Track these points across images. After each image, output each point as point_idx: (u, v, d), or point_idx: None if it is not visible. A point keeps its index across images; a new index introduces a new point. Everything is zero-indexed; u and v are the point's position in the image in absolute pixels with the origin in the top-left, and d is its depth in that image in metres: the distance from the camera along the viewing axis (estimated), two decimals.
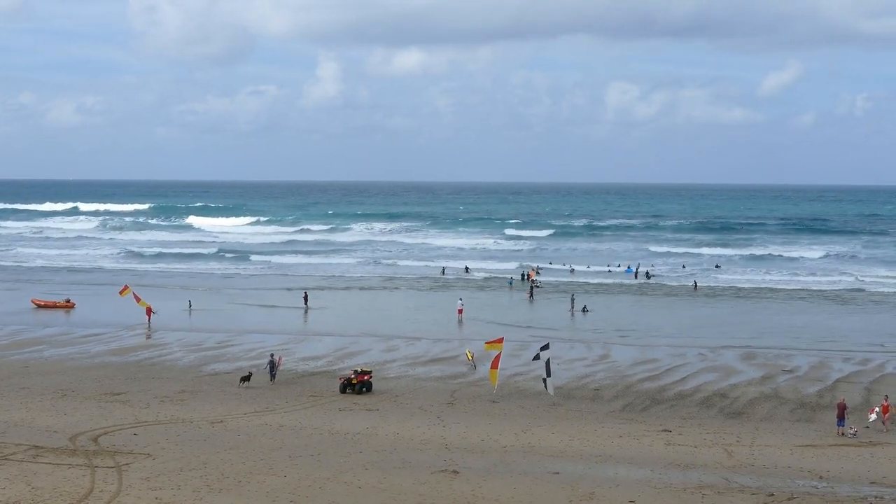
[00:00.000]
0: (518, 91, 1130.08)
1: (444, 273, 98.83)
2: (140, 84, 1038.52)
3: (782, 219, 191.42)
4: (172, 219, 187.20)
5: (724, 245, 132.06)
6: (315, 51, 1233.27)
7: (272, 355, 46.97)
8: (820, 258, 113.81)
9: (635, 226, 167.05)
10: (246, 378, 44.66)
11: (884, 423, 37.19)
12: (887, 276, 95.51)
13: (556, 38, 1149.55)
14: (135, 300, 65.47)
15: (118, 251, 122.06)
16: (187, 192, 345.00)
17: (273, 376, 45.44)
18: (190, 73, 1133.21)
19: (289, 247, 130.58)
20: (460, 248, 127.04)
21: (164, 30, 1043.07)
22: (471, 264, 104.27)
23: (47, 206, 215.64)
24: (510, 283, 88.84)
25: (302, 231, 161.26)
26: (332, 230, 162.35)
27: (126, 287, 69.56)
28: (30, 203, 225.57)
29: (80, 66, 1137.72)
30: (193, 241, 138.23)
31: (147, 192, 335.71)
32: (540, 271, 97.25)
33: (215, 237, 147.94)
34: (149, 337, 59.14)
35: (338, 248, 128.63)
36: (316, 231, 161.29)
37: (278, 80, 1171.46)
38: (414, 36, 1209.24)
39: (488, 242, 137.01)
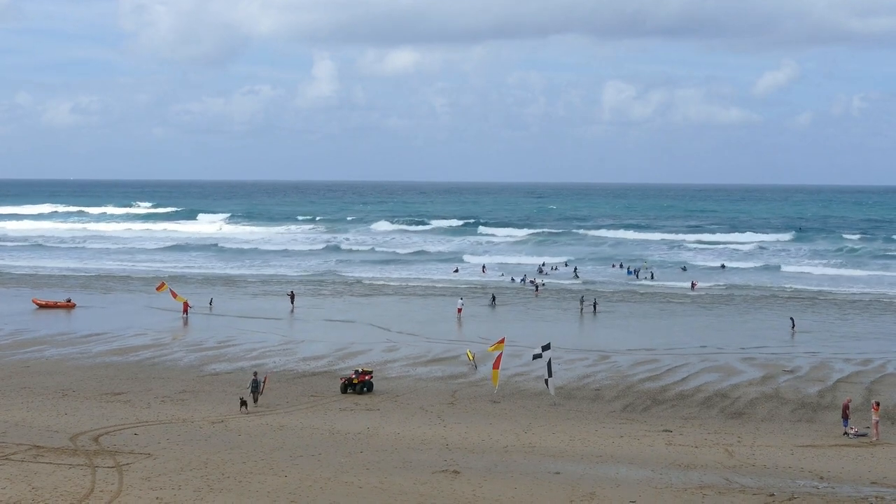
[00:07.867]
0: (513, 91, 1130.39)
1: (457, 272, 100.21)
2: (135, 84, 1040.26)
3: (786, 219, 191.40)
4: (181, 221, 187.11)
5: (725, 245, 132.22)
6: (307, 51, 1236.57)
7: (255, 374, 41.67)
8: (822, 260, 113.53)
9: (635, 226, 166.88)
10: (243, 403, 39.33)
11: (873, 427, 36.59)
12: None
13: (547, 38, 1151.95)
14: (172, 296, 67.72)
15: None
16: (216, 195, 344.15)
17: (256, 398, 40.16)
18: (184, 73, 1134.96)
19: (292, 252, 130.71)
20: (464, 250, 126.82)
21: (155, 30, 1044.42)
22: (474, 266, 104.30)
23: (46, 209, 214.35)
24: (522, 282, 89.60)
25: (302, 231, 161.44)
26: (332, 230, 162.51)
27: (163, 284, 70.97)
28: (23, 205, 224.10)
29: (74, 66, 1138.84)
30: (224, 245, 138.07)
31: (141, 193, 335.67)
32: (552, 271, 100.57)
33: (240, 243, 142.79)
34: (184, 334, 59.99)
35: (338, 249, 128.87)
36: (322, 230, 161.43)
37: (272, 80, 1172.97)
38: (406, 36, 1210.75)
39: (491, 244, 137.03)
